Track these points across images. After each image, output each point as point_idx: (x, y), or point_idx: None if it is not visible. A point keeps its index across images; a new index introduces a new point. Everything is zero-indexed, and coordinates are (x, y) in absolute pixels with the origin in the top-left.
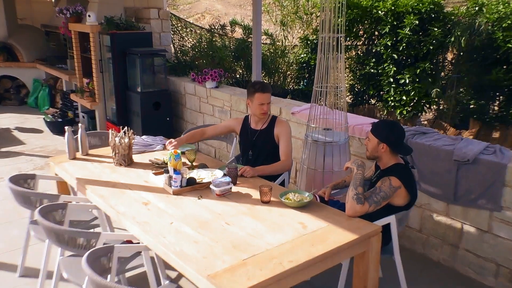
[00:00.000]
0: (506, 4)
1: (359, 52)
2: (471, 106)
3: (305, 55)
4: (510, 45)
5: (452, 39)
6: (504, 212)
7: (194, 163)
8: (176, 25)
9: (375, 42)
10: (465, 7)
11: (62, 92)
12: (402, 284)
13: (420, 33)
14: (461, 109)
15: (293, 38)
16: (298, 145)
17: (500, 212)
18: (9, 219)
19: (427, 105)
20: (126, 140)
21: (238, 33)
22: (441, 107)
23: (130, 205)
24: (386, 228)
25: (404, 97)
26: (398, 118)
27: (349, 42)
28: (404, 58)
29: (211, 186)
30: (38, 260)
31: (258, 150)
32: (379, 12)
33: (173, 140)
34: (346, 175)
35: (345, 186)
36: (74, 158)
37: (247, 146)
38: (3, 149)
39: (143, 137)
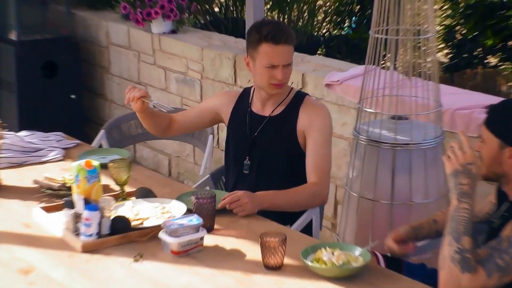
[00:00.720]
0: None
1: None
2: None
3: None
4: None
5: None
6: None
7: (126, 188)
8: None
9: None
10: None
11: None
12: None
13: None
14: None
15: None
16: (339, 151)
17: None
18: None
19: None
20: None
21: None
22: None
23: None
24: None
25: None
26: None
27: None
28: None
29: (161, 235)
30: None
31: (262, 157)
32: None
33: (138, 88)
34: (439, 211)
35: (438, 234)
36: None
37: (241, 148)
38: None
39: (22, 134)
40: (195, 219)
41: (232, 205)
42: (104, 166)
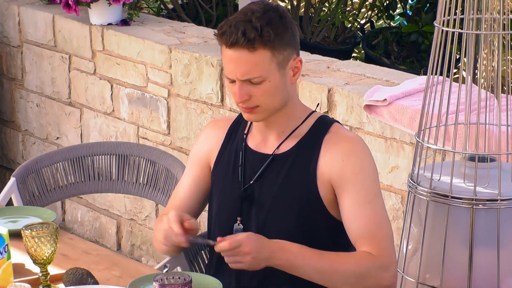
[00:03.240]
0: None
1: None
2: None
3: None
4: None
5: None
6: None
7: (49, 269)
8: None
9: None
10: None
11: None
12: None
13: None
14: None
15: None
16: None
17: None
18: None
19: None
20: None
21: None
22: None
23: None
24: None
25: None
26: None
27: None
28: None
29: None
30: None
31: (261, 219)
32: None
33: (174, 217)
34: None
35: None
36: None
37: (229, 205)
38: None
39: None
40: None
41: (225, 253)
42: (15, 235)
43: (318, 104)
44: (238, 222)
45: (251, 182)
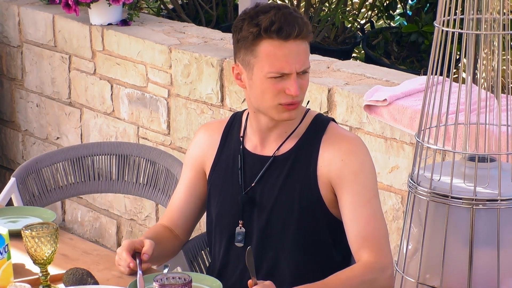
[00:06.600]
0: None
1: None
2: None
3: None
4: None
5: None
6: None
7: (49, 269)
8: None
9: None
10: None
11: None
12: None
13: None
14: None
15: None
16: (386, 211)
17: None
18: None
19: None
20: None
21: None
22: None
23: None
24: None
25: None
26: None
27: None
28: None
29: None
30: None
31: (263, 221)
32: None
33: (125, 245)
34: None
35: None
36: None
37: (230, 208)
38: None
39: None
40: None
41: None
42: (15, 235)
43: (309, 101)
44: (239, 225)
45: (252, 185)
